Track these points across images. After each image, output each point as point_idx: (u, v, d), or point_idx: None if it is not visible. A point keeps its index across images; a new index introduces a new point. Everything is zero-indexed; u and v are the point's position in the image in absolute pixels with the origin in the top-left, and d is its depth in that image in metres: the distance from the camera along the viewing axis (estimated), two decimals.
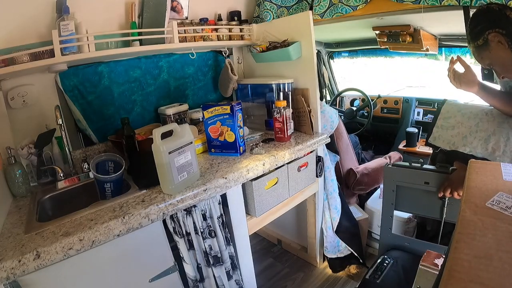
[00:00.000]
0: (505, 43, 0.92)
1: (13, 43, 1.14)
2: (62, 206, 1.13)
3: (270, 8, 1.67)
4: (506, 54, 0.94)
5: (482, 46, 0.97)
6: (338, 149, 1.77)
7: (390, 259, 1.29)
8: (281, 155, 1.29)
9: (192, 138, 1.08)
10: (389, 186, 1.31)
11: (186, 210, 1.03)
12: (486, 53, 0.98)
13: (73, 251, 0.80)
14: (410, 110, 2.53)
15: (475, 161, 0.61)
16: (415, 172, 1.22)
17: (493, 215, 0.45)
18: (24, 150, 1.19)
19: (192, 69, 1.73)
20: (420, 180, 1.21)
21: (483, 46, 0.97)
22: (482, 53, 0.99)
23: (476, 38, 0.98)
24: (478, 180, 0.54)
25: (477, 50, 1.00)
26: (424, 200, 1.23)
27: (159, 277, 1.02)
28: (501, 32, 0.92)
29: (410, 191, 1.27)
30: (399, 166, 1.27)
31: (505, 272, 0.35)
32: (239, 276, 1.25)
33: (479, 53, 1.00)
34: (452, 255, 0.39)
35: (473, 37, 0.99)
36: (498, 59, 0.97)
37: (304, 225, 1.76)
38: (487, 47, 0.96)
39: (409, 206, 1.33)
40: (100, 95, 1.41)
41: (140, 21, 1.38)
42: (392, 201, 1.33)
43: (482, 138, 1.09)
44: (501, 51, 0.94)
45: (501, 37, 0.93)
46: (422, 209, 1.29)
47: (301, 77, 1.54)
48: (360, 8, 1.39)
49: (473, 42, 1.00)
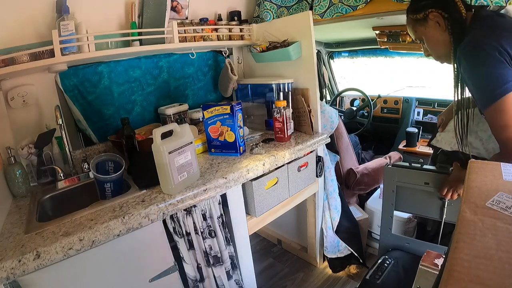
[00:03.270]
0: (443, 25, 0.95)
1: (13, 43, 1.14)
2: (62, 206, 1.13)
3: (270, 8, 1.67)
4: (440, 35, 0.97)
5: (420, 20, 1.00)
6: (338, 149, 1.77)
7: (391, 259, 1.29)
8: (281, 155, 1.29)
9: (192, 138, 1.08)
10: (389, 186, 1.31)
11: (186, 210, 1.03)
12: (422, 28, 1.01)
13: (73, 251, 0.80)
14: (410, 110, 2.53)
15: (475, 161, 0.61)
16: (415, 172, 1.22)
17: (493, 215, 0.45)
18: (24, 150, 1.19)
19: (192, 69, 1.73)
20: (420, 181, 1.21)
21: (421, 21, 0.99)
22: (418, 27, 1.02)
23: (417, 11, 1.00)
24: (478, 180, 0.54)
25: (413, 22, 1.03)
26: (424, 200, 1.23)
27: (159, 277, 1.02)
28: (443, 14, 0.94)
29: (410, 191, 1.27)
30: (399, 166, 1.27)
31: (505, 272, 0.35)
32: (239, 276, 1.25)
33: (414, 26, 1.03)
34: (452, 255, 0.39)
35: (414, 9, 1.01)
36: (431, 37, 1.00)
37: (304, 225, 1.76)
38: (425, 23, 0.99)
39: (409, 206, 1.32)
40: (100, 95, 1.41)
41: (140, 21, 1.38)
42: (392, 201, 1.33)
43: (483, 138, 1.09)
44: (437, 31, 0.97)
45: (441, 19, 0.95)
46: (422, 210, 1.28)
47: (301, 77, 1.54)
48: (360, 8, 1.39)
49: (412, 14, 1.02)
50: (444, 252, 1.00)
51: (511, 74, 0.81)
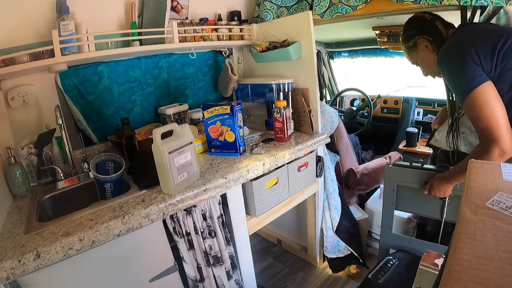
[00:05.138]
0: (431, 48, 1.08)
1: (13, 43, 1.14)
2: (62, 206, 1.13)
3: (270, 8, 1.67)
4: (430, 57, 1.10)
5: (412, 47, 1.14)
6: (338, 149, 1.77)
7: (395, 260, 1.29)
8: (281, 155, 1.29)
9: (192, 138, 1.08)
10: (389, 186, 1.31)
11: (186, 210, 1.03)
12: (414, 54, 1.15)
13: (73, 251, 0.80)
14: (410, 110, 2.53)
15: (475, 161, 0.61)
16: (415, 172, 1.22)
17: (493, 215, 0.45)
18: (24, 150, 1.19)
19: (192, 69, 1.73)
20: (420, 180, 1.21)
21: (413, 47, 1.14)
22: (411, 53, 1.16)
23: (407, 40, 1.14)
24: (478, 180, 0.54)
25: (407, 50, 1.17)
26: (424, 200, 1.23)
27: (159, 277, 1.02)
28: (429, 39, 1.08)
29: (410, 190, 1.27)
30: (400, 166, 1.27)
31: (505, 272, 0.35)
32: (239, 276, 1.25)
33: (409, 53, 1.18)
34: (452, 255, 0.39)
35: (405, 39, 1.16)
36: (423, 60, 1.14)
37: (304, 225, 1.76)
38: (416, 49, 1.13)
39: (410, 206, 1.33)
40: (100, 95, 1.41)
41: (140, 21, 1.38)
42: (392, 201, 1.33)
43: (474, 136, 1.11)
44: (427, 54, 1.11)
45: (428, 43, 1.09)
46: (423, 209, 1.29)
47: (301, 77, 1.54)
48: (360, 8, 1.39)
49: (404, 43, 1.17)
50: (444, 252, 1.00)
51: (479, 72, 0.91)
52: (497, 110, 0.90)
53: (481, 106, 0.91)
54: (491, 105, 0.90)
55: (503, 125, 0.89)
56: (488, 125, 0.91)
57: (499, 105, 0.90)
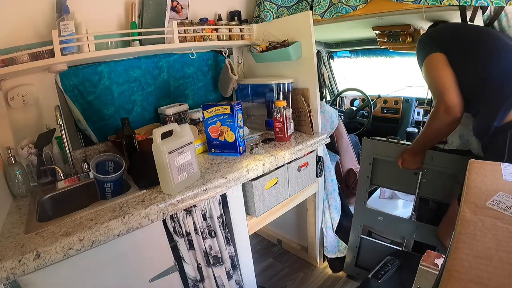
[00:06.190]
0: None
1: (13, 43, 1.14)
2: (62, 206, 1.13)
3: (270, 8, 1.67)
4: None
5: None
6: (338, 149, 1.77)
7: (396, 260, 1.29)
8: (281, 155, 1.29)
9: (192, 138, 1.08)
10: (366, 158, 1.37)
11: (186, 210, 1.03)
12: None
13: (73, 251, 0.80)
14: (410, 110, 2.53)
15: (475, 161, 0.61)
16: (391, 145, 1.28)
17: (493, 215, 0.45)
18: (24, 150, 1.19)
19: (192, 69, 1.73)
20: (396, 154, 1.26)
21: None
22: None
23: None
24: (478, 180, 0.54)
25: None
26: (399, 175, 1.29)
27: (159, 277, 1.02)
28: None
29: (386, 165, 1.31)
30: (377, 139, 1.35)
31: (505, 272, 0.35)
32: (239, 276, 1.25)
33: None
34: (452, 255, 0.39)
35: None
36: None
37: (304, 225, 1.76)
38: None
39: (385, 180, 1.38)
40: (100, 95, 1.41)
41: (140, 21, 1.38)
42: (368, 174, 1.38)
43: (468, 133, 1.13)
44: None
45: None
46: (398, 184, 1.35)
47: (301, 77, 1.54)
48: (360, 8, 1.39)
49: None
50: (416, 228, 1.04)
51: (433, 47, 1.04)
52: (444, 74, 1.00)
53: (430, 71, 1.04)
54: (438, 69, 1.01)
55: (447, 83, 0.99)
56: (436, 87, 1.02)
57: (447, 69, 1.00)
